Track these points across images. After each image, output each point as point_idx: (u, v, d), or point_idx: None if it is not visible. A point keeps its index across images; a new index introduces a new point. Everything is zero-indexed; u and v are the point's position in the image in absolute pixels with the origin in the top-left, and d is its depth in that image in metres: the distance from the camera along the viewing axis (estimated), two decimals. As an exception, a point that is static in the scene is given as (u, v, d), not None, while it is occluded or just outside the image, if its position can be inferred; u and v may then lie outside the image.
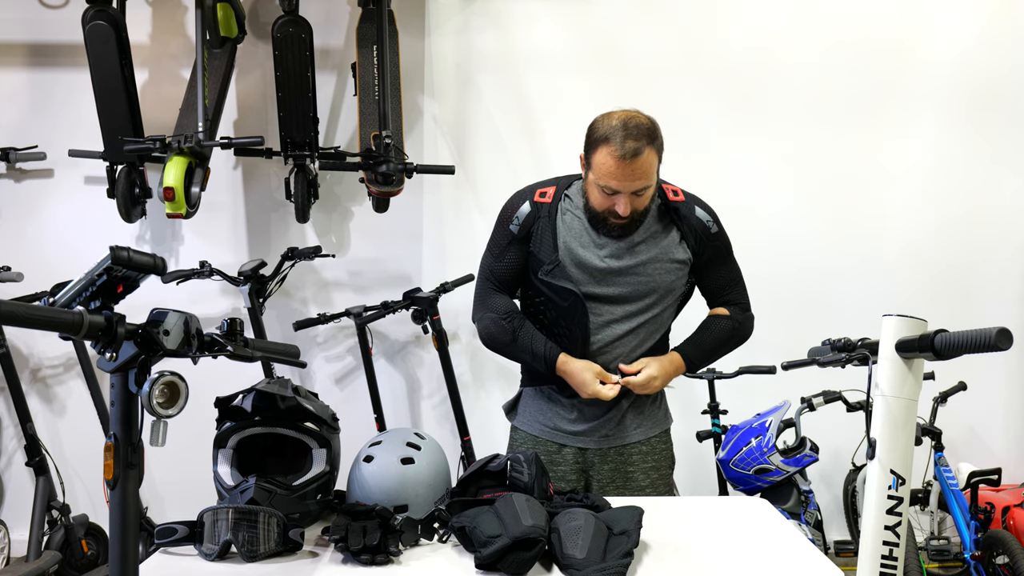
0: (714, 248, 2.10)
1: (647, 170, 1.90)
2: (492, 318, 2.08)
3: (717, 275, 2.14)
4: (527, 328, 2.06)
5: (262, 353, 1.31)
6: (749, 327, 2.18)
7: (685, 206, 2.07)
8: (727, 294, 2.15)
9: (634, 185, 1.90)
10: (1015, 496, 3.16)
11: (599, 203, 1.96)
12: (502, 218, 2.10)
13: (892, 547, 1.27)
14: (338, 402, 2.50)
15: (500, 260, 2.09)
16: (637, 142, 1.86)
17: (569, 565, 1.46)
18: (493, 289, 2.10)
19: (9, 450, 3.74)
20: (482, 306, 2.12)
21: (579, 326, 2.02)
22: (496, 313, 2.07)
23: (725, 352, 2.17)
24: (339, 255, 3.73)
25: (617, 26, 3.69)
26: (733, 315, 2.15)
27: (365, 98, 3.37)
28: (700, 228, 2.07)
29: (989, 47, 3.69)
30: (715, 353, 2.16)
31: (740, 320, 2.15)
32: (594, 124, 1.96)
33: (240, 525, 1.55)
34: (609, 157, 1.88)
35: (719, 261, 2.12)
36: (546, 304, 2.05)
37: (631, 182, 1.89)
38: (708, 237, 2.08)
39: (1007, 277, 3.78)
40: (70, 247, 3.62)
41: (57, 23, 3.63)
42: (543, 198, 2.06)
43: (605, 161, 1.89)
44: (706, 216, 2.09)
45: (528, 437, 2.16)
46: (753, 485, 2.94)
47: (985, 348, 1.15)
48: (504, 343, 2.07)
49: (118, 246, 1.09)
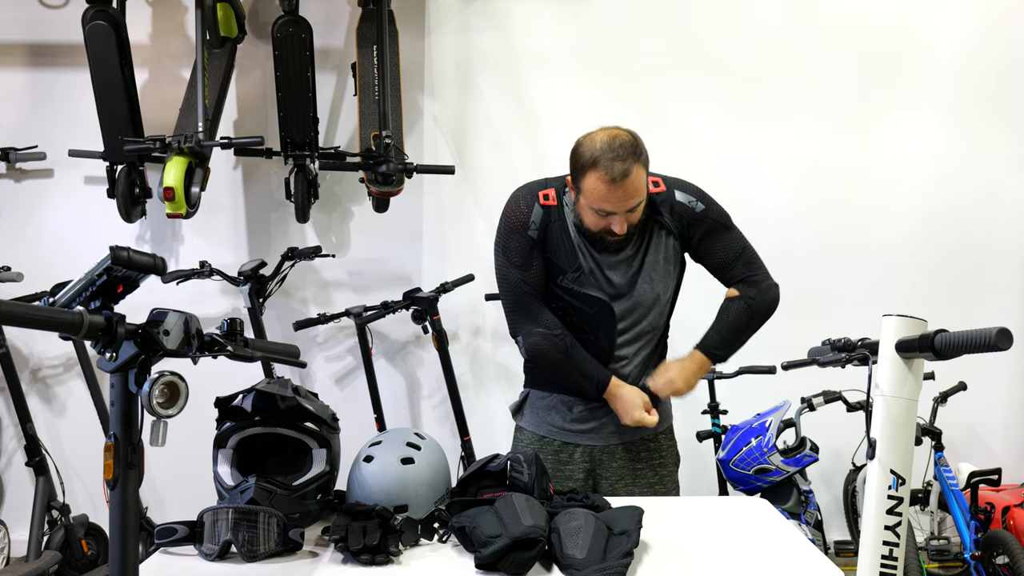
0: (705, 226, 2.05)
1: (638, 187, 1.88)
2: (543, 334, 2.01)
3: (717, 251, 2.07)
4: (579, 348, 2.02)
5: (262, 353, 1.31)
6: (766, 300, 2.08)
7: (664, 195, 2.04)
8: (734, 269, 2.08)
9: (627, 204, 1.89)
10: (1015, 496, 3.16)
11: (594, 224, 1.95)
12: (516, 224, 2.03)
13: (892, 547, 1.27)
14: (338, 402, 2.50)
15: (528, 270, 2.02)
16: (624, 163, 1.84)
17: (569, 565, 1.46)
18: (535, 301, 2.03)
19: (9, 450, 3.74)
20: (528, 320, 2.03)
21: (606, 333, 2.02)
22: (547, 329, 2.01)
23: (750, 333, 2.09)
24: (339, 255, 3.73)
25: (617, 26, 3.70)
26: (744, 294, 2.06)
27: (365, 98, 3.37)
28: (683, 211, 2.04)
29: (989, 45, 3.69)
30: (738, 337, 2.08)
31: (753, 296, 2.06)
32: (577, 149, 1.93)
33: (240, 525, 1.55)
34: (599, 182, 1.86)
35: (715, 237, 2.06)
36: (565, 310, 2.03)
37: (624, 202, 1.88)
38: (694, 218, 2.04)
39: (1007, 277, 3.78)
40: (70, 247, 3.62)
41: (57, 23, 3.63)
42: (547, 200, 2.03)
43: (596, 186, 1.87)
44: (687, 198, 2.04)
45: (535, 437, 2.15)
46: (753, 485, 2.94)
47: (985, 348, 1.15)
48: (556, 361, 2.02)
49: (118, 246, 1.09)
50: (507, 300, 2.06)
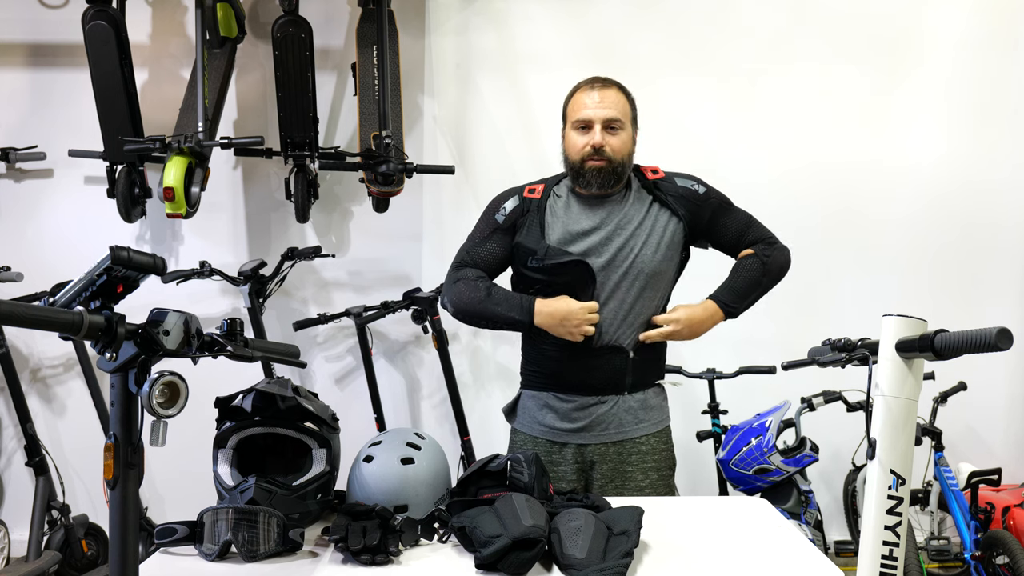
0: (710, 207, 2.12)
1: (618, 103, 2.05)
2: (462, 280, 2.07)
3: (726, 228, 2.14)
4: (498, 287, 2.07)
5: (262, 353, 1.30)
6: (780, 258, 2.14)
7: (665, 180, 2.13)
8: (747, 236, 2.15)
9: (605, 113, 2.02)
10: (1015, 496, 3.16)
11: (577, 146, 2.04)
12: (488, 210, 2.15)
13: (892, 547, 1.27)
14: (338, 402, 2.50)
15: (481, 246, 2.11)
16: (605, 81, 2.09)
17: (569, 565, 1.46)
18: (469, 269, 2.10)
19: (9, 450, 3.74)
20: (453, 281, 2.10)
21: (587, 297, 2.01)
22: (466, 277, 2.08)
23: (763, 290, 2.13)
24: (339, 255, 3.73)
25: (617, 25, 3.69)
26: (759, 251, 2.12)
27: (365, 98, 3.37)
28: (687, 194, 2.11)
29: (988, 43, 3.68)
30: (751, 291, 2.11)
31: (768, 254, 2.12)
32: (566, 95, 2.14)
33: (240, 525, 1.55)
34: (580, 94, 2.07)
35: (722, 215, 2.13)
36: (543, 292, 2.04)
37: (602, 110, 2.02)
38: (698, 199, 2.11)
39: (1007, 277, 3.77)
40: (70, 247, 3.62)
41: (57, 23, 3.63)
42: (532, 194, 2.12)
43: (577, 99, 2.07)
44: (688, 182, 2.13)
45: (528, 439, 2.15)
46: (753, 485, 2.94)
47: (985, 348, 1.15)
48: (477, 300, 2.03)
49: (118, 246, 1.09)
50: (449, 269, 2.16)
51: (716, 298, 2.10)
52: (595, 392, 2.08)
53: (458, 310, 2.08)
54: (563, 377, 2.09)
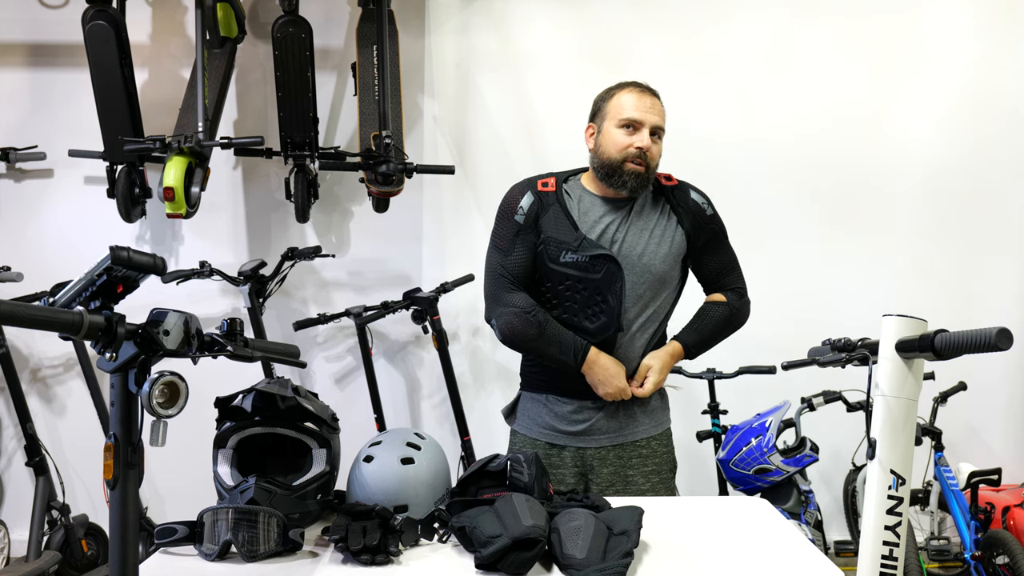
0: (710, 231, 2.13)
1: (663, 113, 2.05)
2: (515, 313, 2.01)
3: (713, 260, 2.15)
4: (552, 322, 2.03)
5: (262, 353, 1.30)
6: (746, 312, 2.19)
7: (679, 189, 2.13)
8: (723, 279, 2.17)
9: (654, 119, 2.02)
10: (1015, 496, 3.16)
11: (619, 144, 2.01)
12: (504, 211, 2.08)
13: (892, 547, 1.27)
14: (338, 402, 2.50)
15: (509, 254, 2.05)
16: (650, 89, 2.08)
17: (569, 565, 1.46)
18: (509, 285, 2.04)
19: (9, 450, 3.74)
20: (498, 303, 2.05)
21: (614, 293, 2.00)
22: (518, 308, 2.01)
23: (722, 338, 2.19)
24: (339, 255, 3.73)
25: (617, 26, 3.69)
26: (730, 301, 2.16)
27: (365, 98, 3.37)
28: (696, 210, 2.11)
29: (988, 40, 3.69)
30: (713, 339, 2.16)
31: (737, 306, 2.16)
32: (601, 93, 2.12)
33: (240, 525, 1.55)
34: (629, 94, 2.04)
35: (715, 245, 2.15)
36: (573, 287, 2.02)
37: (651, 115, 2.02)
38: (704, 219, 2.12)
39: (1007, 277, 3.77)
40: (70, 247, 3.62)
41: (57, 23, 3.63)
42: (545, 187, 2.08)
43: (625, 99, 2.04)
44: (701, 199, 2.13)
45: (527, 441, 2.15)
46: (753, 485, 2.94)
47: (985, 348, 1.15)
48: (530, 337, 2.01)
49: (118, 246, 1.09)
50: (486, 283, 2.10)
51: (683, 341, 2.13)
52: (595, 395, 2.07)
53: (508, 341, 2.06)
54: (563, 379, 2.08)
